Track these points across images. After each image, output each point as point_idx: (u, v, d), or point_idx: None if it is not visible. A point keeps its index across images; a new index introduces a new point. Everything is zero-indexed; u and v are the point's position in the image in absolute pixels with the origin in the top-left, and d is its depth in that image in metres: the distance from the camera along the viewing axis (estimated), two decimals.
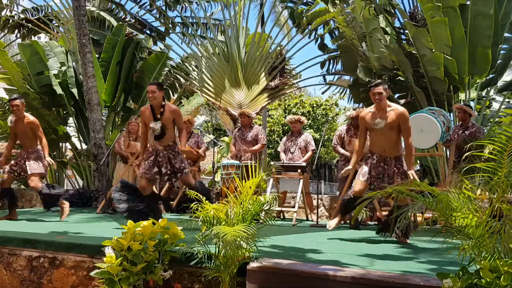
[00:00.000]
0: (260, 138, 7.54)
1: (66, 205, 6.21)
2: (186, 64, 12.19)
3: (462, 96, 8.53)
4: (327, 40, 11.91)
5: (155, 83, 5.16)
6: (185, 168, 5.19)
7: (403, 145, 4.79)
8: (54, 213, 6.48)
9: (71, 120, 11.07)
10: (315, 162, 6.84)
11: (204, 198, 4.15)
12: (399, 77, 8.63)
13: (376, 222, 6.97)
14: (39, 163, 6.15)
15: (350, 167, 4.99)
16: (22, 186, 11.24)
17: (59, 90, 10.20)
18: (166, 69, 10.93)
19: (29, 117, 6.20)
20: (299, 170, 6.83)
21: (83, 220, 6.37)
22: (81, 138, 10.87)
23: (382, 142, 4.66)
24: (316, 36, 11.88)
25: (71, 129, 11.14)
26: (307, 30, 11.79)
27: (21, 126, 6.08)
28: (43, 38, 14.02)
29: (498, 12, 7.69)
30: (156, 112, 5.10)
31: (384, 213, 5.55)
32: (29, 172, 6.06)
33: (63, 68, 10.50)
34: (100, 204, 7.93)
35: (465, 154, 3.90)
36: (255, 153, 7.41)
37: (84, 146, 10.71)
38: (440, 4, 7.19)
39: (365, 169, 4.72)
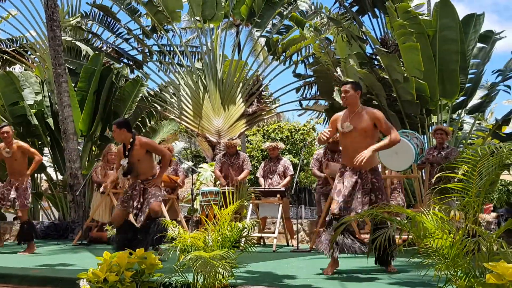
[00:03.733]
0: (246, 164, 7.57)
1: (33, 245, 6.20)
2: (164, 92, 12.23)
3: (434, 118, 8.75)
4: (302, 67, 12.20)
5: (115, 122, 5.10)
6: (159, 195, 5.00)
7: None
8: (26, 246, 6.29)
9: (46, 151, 10.92)
10: (294, 187, 6.87)
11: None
12: (373, 101, 8.81)
13: None
14: (27, 197, 6.23)
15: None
16: None
17: (34, 121, 10.10)
18: (140, 95, 10.92)
19: (18, 142, 6.25)
20: (278, 195, 6.84)
21: (59, 252, 6.22)
22: (56, 169, 10.71)
23: (354, 151, 4.06)
24: (292, 63, 12.12)
25: (46, 160, 10.96)
26: (282, 57, 12.03)
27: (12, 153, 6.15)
28: (18, 68, 13.93)
29: (464, 38, 8.01)
30: (125, 149, 5.02)
31: (364, 236, 5.57)
32: (19, 207, 6.15)
33: (38, 98, 10.41)
34: (76, 235, 7.76)
35: (437, 175, 3.94)
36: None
37: (60, 177, 10.53)
38: (412, 30, 7.45)
39: (338, 187, 4.17)
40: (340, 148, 4.29)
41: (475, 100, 9.18)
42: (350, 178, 4.10)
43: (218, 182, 7.79)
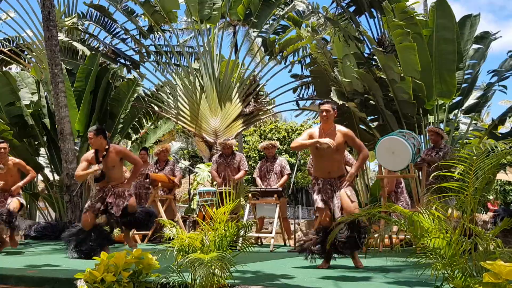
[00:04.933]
0: (242, 164, 7.56)
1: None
2: (161, 92, 12.22)
3: (431, 118, 8.77)
4: (298, 68, 12.21)
5: (91, 129, 5.32)
6: (129, 195, 5.34)
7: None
8: (23, 247, 6.29)
9: (43, 151, 10.88)
10: (291, 187, 6.87)
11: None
12: (371, 101, 8.83)
13: None
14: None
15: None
16: None
17: (30, 121, 10.07)
18: (136, 95, 10.90)
19: (14, 159, 6.42)
20: (275, 195, 6.83)
21: (56, 253, 6.20)
22: (53, 169, 10.67)
23: (327, 164, 4.54)
24: (288, 63, 12.14)
25: (42, 160, 10.93)
26: (279, 57, 12.04)
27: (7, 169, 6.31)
28: (14, 68, 13.89)
29: (460, 38, 8.04)
30: (99, 155, 5.27)
31: None
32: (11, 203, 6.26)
33: (35, 99, 10.38)
34: None
35: (433, 174, 3.99)
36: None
37: (57, 177, 10.50)
38: (408, 30, 7.47)
39: (315, 197, 4.61)
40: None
41: (471, 100, 9.21)
42: (326, 190, 4.54)
43: (215, 183, 7.79)
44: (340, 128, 4.59)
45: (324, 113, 4.54)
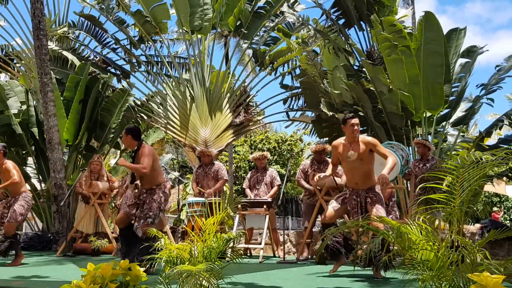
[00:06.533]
0: (221, 174, 7.53)
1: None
2: (151, 102, 12.19)
3: (419, 130, 8.85)
4: (289, 79, 12.28)
5: (124, 128, 5.22)
6: (148, 217, 4.91)
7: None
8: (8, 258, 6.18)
9: (30, 160, 10.78)
10: (281, 198, 6.86)
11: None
12: (359, 112, 8.89)
13: None
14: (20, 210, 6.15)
15: (327, 173, 5.03)
16: None
17: (18, 130, 9.98)
18: (127, 104, 10.86)
19: (6, 162, 6.14)
20: (264, 206, 6.81)
21: (42, 264, 6.12)
22: (41, 179, 10.56)
23: (354, 174, 4.64)
24: (279, 74, 12.20)
25: (30, 170, 10.83)
26: (269, 69, 12.10)
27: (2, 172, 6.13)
28: (3, 77, 13.77)
29: (448, 51, 8.15)
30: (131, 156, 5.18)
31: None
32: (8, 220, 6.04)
33: (23, 107, 10.30)
34: (60, 246, 7.64)
35: (420, 186, 4.04)
36: (219, 190, 7.40)
37: (44, 187, 10.38)
38: (396, 43, 7.56)
39: (334, 203, 4.76)
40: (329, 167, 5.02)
41: (459, 113, 9.31)
42: (351, 201, 4.66)
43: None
44: (362, 138, 4.69)
45: (356, 127, 4.66)
